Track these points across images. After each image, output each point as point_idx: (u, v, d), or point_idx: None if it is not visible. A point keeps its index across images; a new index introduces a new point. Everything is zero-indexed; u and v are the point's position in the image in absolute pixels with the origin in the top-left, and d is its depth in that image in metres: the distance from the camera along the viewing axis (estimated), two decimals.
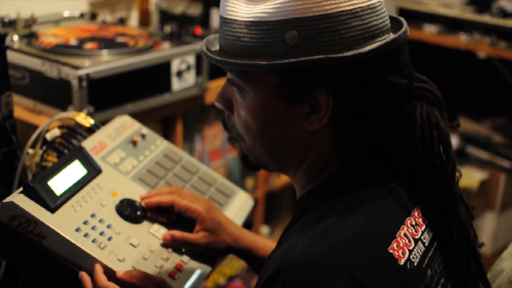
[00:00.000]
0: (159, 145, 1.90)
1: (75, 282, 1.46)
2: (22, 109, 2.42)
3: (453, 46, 3.99)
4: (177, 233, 1.63)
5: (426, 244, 1.28)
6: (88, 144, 1.73)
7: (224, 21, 1.27)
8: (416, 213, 1.29)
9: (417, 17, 4.14)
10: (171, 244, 1.63)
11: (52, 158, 1.75)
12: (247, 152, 1.36)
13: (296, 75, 1.22)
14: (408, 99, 1.29)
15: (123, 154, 1.78)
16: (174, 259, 1.61)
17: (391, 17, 1.32)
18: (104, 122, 1.94)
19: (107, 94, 2.38)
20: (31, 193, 1.49)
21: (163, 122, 2.83)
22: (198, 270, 1.63)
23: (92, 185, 1.63)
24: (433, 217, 1.31)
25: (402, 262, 1.20)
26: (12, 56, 2.34)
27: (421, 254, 1.25)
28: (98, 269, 1.45)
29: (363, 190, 1.25)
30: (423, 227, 1.29)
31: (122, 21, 3.06)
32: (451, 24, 4.02)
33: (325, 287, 1.12)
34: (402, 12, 4.13)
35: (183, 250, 1.64)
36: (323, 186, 1.29)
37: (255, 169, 1.40)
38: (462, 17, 3.97)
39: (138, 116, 2.16)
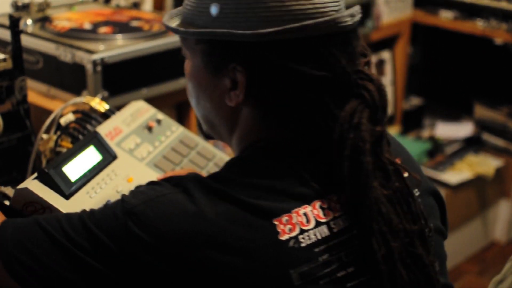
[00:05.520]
0: (174, 130, 1.88)
1: None
2: (36, 93, 2.40)
3: (470, 32, 3.95)
4: None
5: (335, 231, 1.23)
6: (103, 129, 1.71)
7: None
8: (334, 198, 1.25)
9: (433, 3, 4.10)
10: None
11: (66, 144, 1.74)
12: (199, 119, 1.42)
13: (214, 47, 1.27)
14: (339, 95, 1.24)
15: (139, 140, 1.76)
16: None
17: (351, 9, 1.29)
18: (118, 107, 1.92)
19: (121, 79, 2.36)
20: (45, 179, 1.47)
21: (177, 107, 2.81)
22: None
23: (107, 171, 1.61)
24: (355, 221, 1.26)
25: (283, 237, 1.18)
26: (25, 40, 2.32)
27: (319, 238, 1.21)
28: None
29: (269, 166, 1.26)
30: (338, 214, 1.24)
31: (136, 5, 3.03)
32: (468, 10, 3.98)
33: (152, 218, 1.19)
34: None
35: None
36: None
37: (208, 138, 1.46)
38: (478, 3, 3.93)
39: (153, 101, 2.14)
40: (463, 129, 4.15)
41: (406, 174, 1.29)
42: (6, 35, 2.08)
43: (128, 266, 1.19)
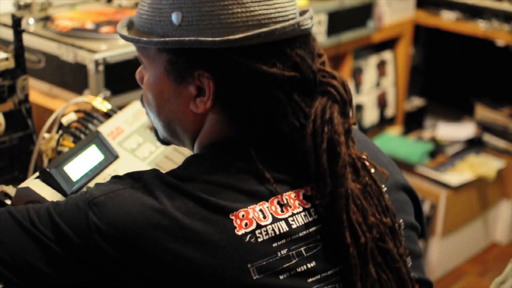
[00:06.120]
0: None
1: None
2: (38, 93, 2.40)
3: (472, 33, 3.95)
4: None
5: (294, 226, 1.26)
6: (105, 129, 1.71)
7: None
8: (293, 195, 1.28)
9: (435, 4, 4.10)
10: None
11: (68, 143, 1.74)
12: (155, 126, 1.42)
13: (179, 55, 1.27)
14: (305, 93, 1.29)
15: (140, 140, 1.76)
16: None
17: (303, 12, 1.34)
18: (120, 107, 1.92)
19: (123, 79, 2.35)
20: (47, 179, 1.48)
21: None
22: None
23: (109, 170, 1.61)
24: (323, 214, 1.28)
25: (240, 232, 1.21)
26: (27, 40, 2.32)
27: (276, 233, 1.24)
28: None
29: (227, 164, 1.28)
30: (298, 210, 1.28)
31: (138, 5, 3.03)
32: (470, 11, 3.98)
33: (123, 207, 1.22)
34: None
35: None
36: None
37: (165, 144, 1.47)
38: (480, 4, 3.93)
39: None
40: (464, 130, 4.15)
41: (372, 170, 1.32)
42: (8, 34, 2.09)
43: (89, 256, 1.22)
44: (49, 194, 1.46)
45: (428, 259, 3.77)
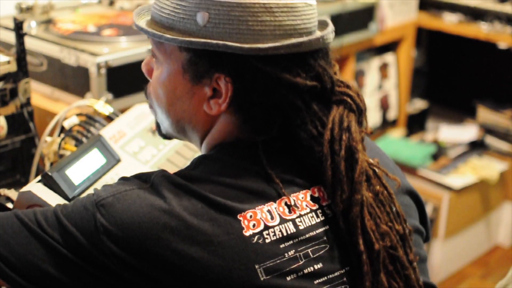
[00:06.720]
0: None
1: None
2: (40, 96, 2.40)
3: (474, 36, 3.95)
4: None
5: (301, 228, 1.26)
6: (107, 132, 1.72)
7: None
8: (300, 196, 1.29)
9: (437, 6, 4.10)
10: None
11: (70, 147, 1.74)
12: (159, 121, 1.41)
13: (201, 56, 1.26)
14: (323, 102, 1.30)
15: (143, 143, 1.76)
16: None
17: (321, 21, 1.35)
18: (122, 110, 1.92)
19: (125, 82, 2.35)
20: (49, 182, 1.48)
21: None
22: None
23: (111, 174, 1.61)
24: (337, 221, 1.29)
25: (247, 233, 1.22)
26: (29, 43, 2.32)
27: (284, 234, 1.25)
28: None
29: (235, 164, 1.29)
30: (306, 211, 1.29)
31: None
32: (472, 14, 3.98)
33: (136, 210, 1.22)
34: (423, 1, 4.09)
35: None
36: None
37: (167, 139, 1.45)
38: (483, 6, 3.93)
39: None
40: (467, 133, 4.15)
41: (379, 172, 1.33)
42: (10, 37, 2.09)
43: (97, 257, 1.22)
44: (51, 198, 1.46)
45: (430, 262, 3.77)
